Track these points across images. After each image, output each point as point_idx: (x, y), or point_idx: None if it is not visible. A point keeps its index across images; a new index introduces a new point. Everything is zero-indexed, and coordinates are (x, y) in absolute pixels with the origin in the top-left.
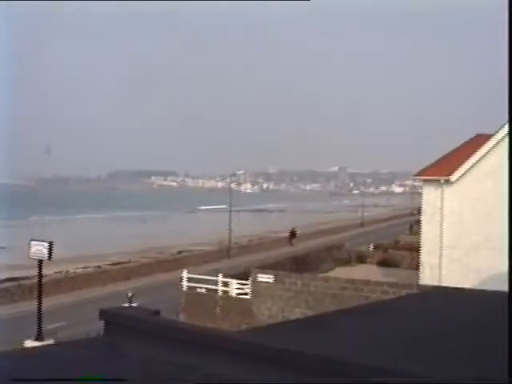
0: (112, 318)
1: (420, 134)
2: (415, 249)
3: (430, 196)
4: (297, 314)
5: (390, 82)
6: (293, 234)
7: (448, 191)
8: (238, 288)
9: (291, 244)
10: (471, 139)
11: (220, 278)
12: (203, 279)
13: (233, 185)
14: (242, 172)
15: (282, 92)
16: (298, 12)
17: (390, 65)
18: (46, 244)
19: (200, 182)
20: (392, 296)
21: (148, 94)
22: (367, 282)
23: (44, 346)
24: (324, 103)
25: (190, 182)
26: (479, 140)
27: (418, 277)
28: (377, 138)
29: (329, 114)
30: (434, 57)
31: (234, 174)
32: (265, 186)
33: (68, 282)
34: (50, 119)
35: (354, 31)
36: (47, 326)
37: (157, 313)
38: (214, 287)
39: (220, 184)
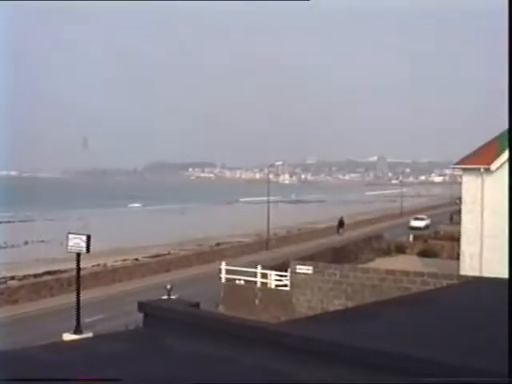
0: (151, 311)
1: (459, 123)
2: (455, 239)
3: (470, 185)
4: (336, 305)
5: (427, 70)
6: (341, 224)
7: (488, 180)
8: (277, 280)
9: (339, 233)
10: None
11: (259, 269)
12: (242, 271)
13: (271, 176)
14: (280, 163)
15: (316, 84)
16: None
17: (427, 52)
18: (84, 237)
19: (237, 174)
20: (432, 287)
21: (184, 87)
22: (407, 273)
23: (83, 339)
24: (362, 94)
25: (227, 173)
26: None
27: (458, 267)
28: (416, 127)
29: (366, 105)
30: (475, 44)
31: (272, 165)
32: (303, 176)
33: (106, 275)
34: (88, 113)
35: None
36: (86, 319)
37: (196, 305)
38: (252, 279)
39: (258, 175)
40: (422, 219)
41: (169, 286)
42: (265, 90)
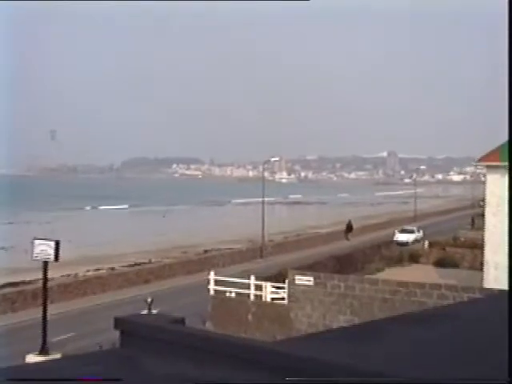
0: (129, 328)
1: (482, 114)
2: (478, 246)
3: (495, 185)
4: (340, 321)
5: (450, 59)
6: (349, 228)
7: None
8: (273, 292)
9: (347, 238)
10: None
11: (252, 280)
12: (233, 282)
13: (266, 173)
14: (276, 159)
15: (317, 76)
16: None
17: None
18: (52, 243)
19: (228, 171)
20: (451, 301)
21: (168, 78)
22: (422, 285)
23: (49, 361)
24: (368, 84)
25: (216, 170)
26: None
27: (481, 279)
28: (432, 118)
29: (373, 94)
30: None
31: (267, 162)
32: (303, 174)
33: (78, 287)
34: (57, 106)
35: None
36: (53, 338)
37: (181, 321)
38: (245, 291)
39: (251, 173)
40: (410, 231)
41: (149, 300)
42: (260, 82)
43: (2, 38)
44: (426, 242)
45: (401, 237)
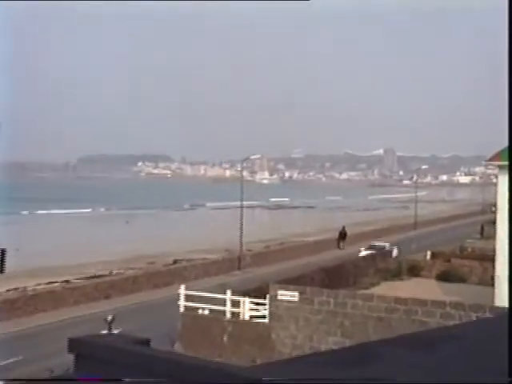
0: (85, 350)
1: (492, 109)
2: (488, 257)
3: (507, 187)
4: (329, 343)
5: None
6: (342, 235)
7: None
8: (253, 309)
9: (340, 247)
10: None
11: (228, 295)
12: (207, 297)
13: (245, 173)
14: (257, 156)
15: (306, 74)
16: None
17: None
18: None
19: (201, 170)
20: (457, 321)
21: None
22: (423, 302)
23: None
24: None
25: (188, 169)
26: None
27: (492, 295)
28: (435, 111)
29: (369, 89)
30: None
31: (246, 160)
32: (287, 174)
33: (26, 303)
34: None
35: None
36: None
37: (145, 342)
38: (220, 308)
39: (228, 172)
40: (380, 248)
41: (110, 317)
42: (242, 76)
43: None
44: (429, 253)
45: (362, 253)
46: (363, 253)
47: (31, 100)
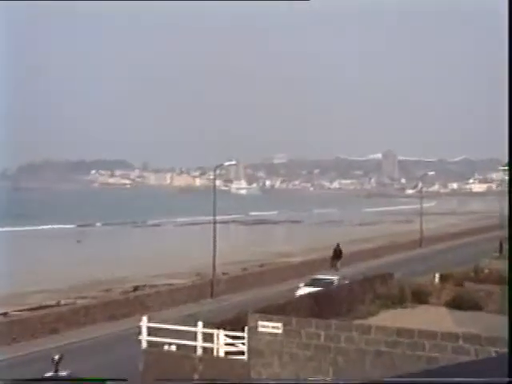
0: None
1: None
2: (509, 281)
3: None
4: None
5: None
6: (337, 254)
7: None
8: (228, 344)
9: (335, 267)
10: None
11: (200, 328)
12: (173, 331)
13: (219, 182)
14: (232, 163)
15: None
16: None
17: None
18: None
19: (167, 178)
20: (473, 357)
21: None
22: (431, 335)
23: None
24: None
25: (151, 178)
26: None
27: None
28: (443, 109)
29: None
30: None
31: (220, 166)
32: (268, 183)
33: None
34: None
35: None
36: None
37: None
38: (190, 343)
39: (199, 181)
40: (326, 283)
41: (57, 357)
42: (214, 68)
43: None
44: (437, 275)
45: (303, 291)
46: (302, 290)
47: None
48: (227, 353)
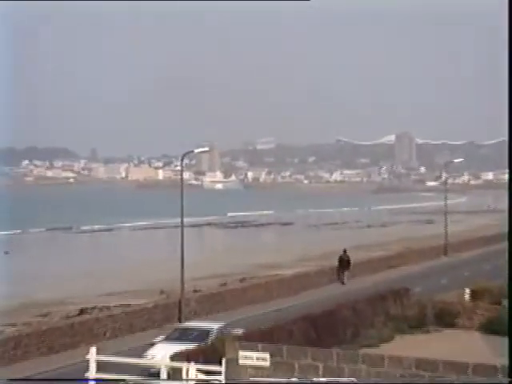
0: None
1: None
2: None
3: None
4: None
5: None
6: (344, 263)
7: None
8: (201, 380)
9: (342, 281)
10: None
11: (164, 361)
12: (130, 365)
13: (188, 175)
14: (205, 149)
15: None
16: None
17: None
18: None
19: (121, 170)
20: None
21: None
22: (461, 367)
23: None
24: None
25: (100, 170)
26: None
27: None
28: (467, 83)
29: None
30: None
31: (189, 154)
32: (251, 175)
33: None
34: None
35: None
36: None
37: None
38: (152, 381)
39: (162, 173)
40: (200, 332)
41: None
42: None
43: None
44: (467, 291)
45: (159, 351)
46: (161, 348)
47: None
48: None
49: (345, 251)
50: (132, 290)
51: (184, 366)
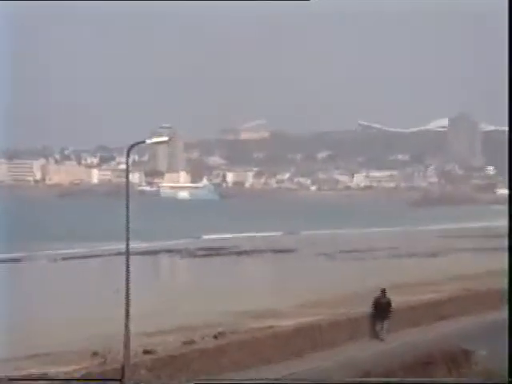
0: None
1: None
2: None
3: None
4: None
5: None
6: (382, 309)
7: None
8: None
9: (379, 334)
10: None
11: None
12: None
13: (136, 177)
14: (162, 139)
15: None
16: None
17: None
18: None
19: (36, 170)
20: None
21: None
22: None
23: None
24: None
25: (2, 168)
26: None
27: None
28: None
29: None
30: None
31: (138, 145)
32: (230, 178)
33: None
34: None
35: None
36: None
37: None
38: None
39: (97, 174)
40: None
41: None
42: None
43: None
44: None
45: None
46: None
47: None
48: None
49: (384, 292)
50: (54, 351)
51: None
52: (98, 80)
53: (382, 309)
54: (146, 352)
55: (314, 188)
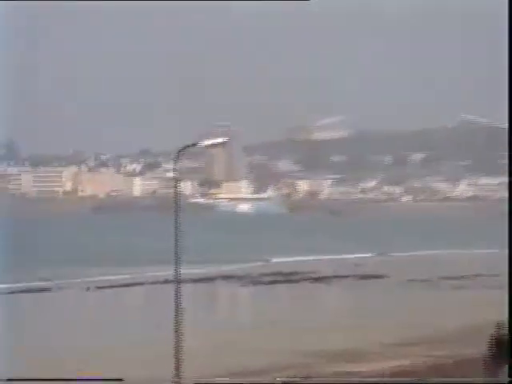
0: None
1: None
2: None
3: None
4: None
5: None
6: (499, 348)
7: None
8: None
9: (498, 381)
10: None
11: None
12: None
13: (188, 186)
14: (218, 140)
15: None
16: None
17: None
18: None
19: (64, 179)
20: None
21: None
22: None
23: None
24: None
25: (25, 179)
26: None
27: None
28: None
29: None
30: None
31: (188, 150)
32: (302, 187)
33: None
34: None
35: None
36: None
37: None
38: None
39: (140, 183)
40: None
41: None
42: None
43: None
44: None
45: None
46: None
47: None
48: None
49: (500, 327)
50: None
51: None
52: (141, 76)
53: (498, 347)
54: None
55: (405, 198)
